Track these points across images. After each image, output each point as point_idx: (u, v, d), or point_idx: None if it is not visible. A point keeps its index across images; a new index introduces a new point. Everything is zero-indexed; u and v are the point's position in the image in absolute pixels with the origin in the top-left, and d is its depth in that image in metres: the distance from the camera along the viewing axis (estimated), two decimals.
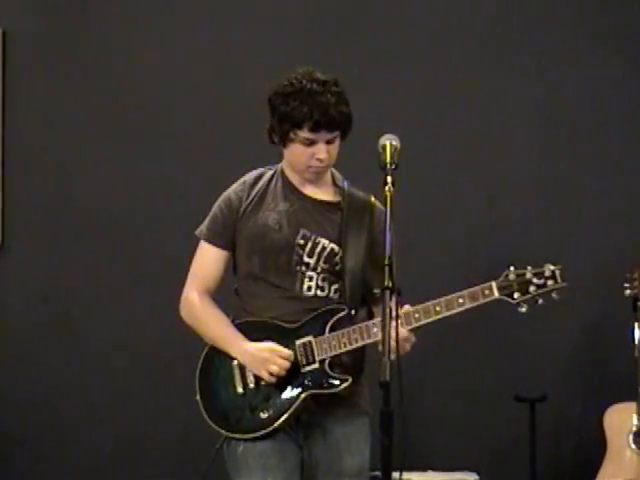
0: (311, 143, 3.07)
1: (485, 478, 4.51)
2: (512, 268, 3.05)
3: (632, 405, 4.44)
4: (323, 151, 3.07)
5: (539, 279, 3.04)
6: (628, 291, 4.50)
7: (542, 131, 4.92)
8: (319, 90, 3.05)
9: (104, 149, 4.94)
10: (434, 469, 4.57)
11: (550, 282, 3.04)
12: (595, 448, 4.50)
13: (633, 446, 4.42)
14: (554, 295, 3.05)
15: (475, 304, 3.02)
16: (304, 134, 3.05)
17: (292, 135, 3.07)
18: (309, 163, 3.10)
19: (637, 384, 4.42)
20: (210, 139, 4.88)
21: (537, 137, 4.91)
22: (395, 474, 2.63)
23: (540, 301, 3.06)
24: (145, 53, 4.96)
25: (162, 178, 4.90)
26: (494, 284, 3.03)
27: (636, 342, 4.46)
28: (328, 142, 3.08)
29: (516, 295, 3.04)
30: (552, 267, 3.05)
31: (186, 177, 4.86)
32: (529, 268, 3.05)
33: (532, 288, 3.04)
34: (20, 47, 4.93)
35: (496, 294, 3.03)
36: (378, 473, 2.62)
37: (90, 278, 4.91)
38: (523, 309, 3.05)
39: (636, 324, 4.47)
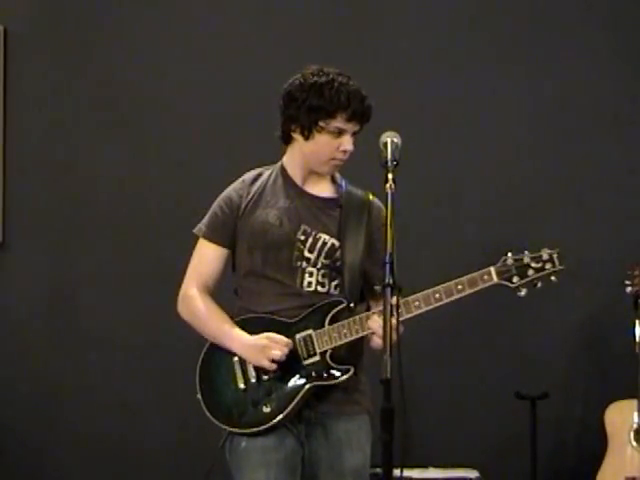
0: (339, 134, 3.09)
1: (486, 475, 4.51)
2: (510, 254, 3.07)
3: (633, 402, 4.44)
4: (350, 142, 3.11)
5: (537, 263, 3.06)
6: (629, 288, 4.51)
7: (544, 129, 4.92)
8: (350, 82, 3.09)
9: (105, 147, 4.94)
10: (435, 466, 4.57)
11: (548, 265, 3.06)
12: (596, 445, 4.50)
13: (634, 443, 4.42)
14: (553, 278, 3.07)
15: (474, 290, 3.03)
16: (337, 123, 3.08)
17: (322, 124, 3.08)
18: (333, 155, 3.12)
19: (638, 381, 4.42)
20: (210, 138, 4.88)
21: (539, 135, 4.91)
22: (396, 471, 2.63)
23: (539, 285, 3.07)
24: (146, 51, 4.96)
25: (162, 175, 4.90)
26: (493, 269, 3.05)
27: (637, 339, 4.46)
28: (352, 134, 3.12)
29: (515, 279, 3.05)
30: (549, 251, 3.08)
31: (186, 175, 4.86)
32: (527, 253, 3.07)
33: (530, 272, 3.06)
34: (21, 44, 4.93)
35: (495, 279, 3.05)
36: (379, 470, 2.62)
37: (91, 275, 4.91)
38: (522, 293, 3.06)
39: (637, 321, 4.48)
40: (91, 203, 4.92)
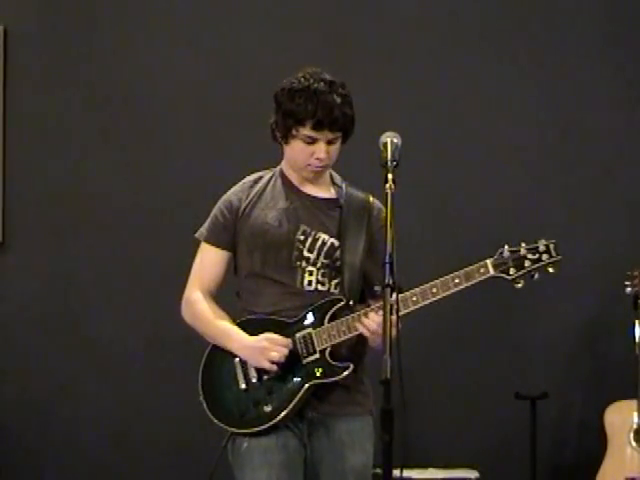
0: (312, 141, 3.10)
1: (486, 475, 4.51)
2: (506, 246, 3.06)
3: (633, 403, 4.45)
4: (323, 151, 3.11)
5: (534, 254, 3.05)
6: (629, 289, 4.51)
7: (543, 129, 4.92)
8: (325, 90, 3.08)
9: (105, 147, 4.94)
10: (435, 466, 4.57)
11: (545, 256, 3.05)
12: (596, 446, 4.51)
13: (634, 443, 4.43)
14: (551, 270, 3.06)
15: (471, 283, 3.03)
16: (306, 132, 3.08)
17: (294, 132, 3.10)
18: (308, 161, 3.13)
19: (638, 382, 4.42)
20: (212, 140, 4.87)
21: (538, 135, 4.91)
22: (396, 471, 2.63)
23: (536, 276, 3.06)
24: (146, 52, 4.96)
25: (163, 177, 4.90)
26: (489, 262, 3.05)
27: (637, 340, 4.47)
28: (329, 142, 3.11)
29: (512, 271, 3.04)
30: (546, 242, 3.07)
31: (188, 177, 4.85)
32: (523, 245, 3.07)
33: (527, 263, 3.05)
34: (21, 44, 4.93)
35: (491, 271, 3.04)
36: (379, 470, 2.63)
37: (91, 276, 4.91)
38: (519, 285, 3.05)
39: (637, 322, 4.49)
40: (91, 203, 4.91)
